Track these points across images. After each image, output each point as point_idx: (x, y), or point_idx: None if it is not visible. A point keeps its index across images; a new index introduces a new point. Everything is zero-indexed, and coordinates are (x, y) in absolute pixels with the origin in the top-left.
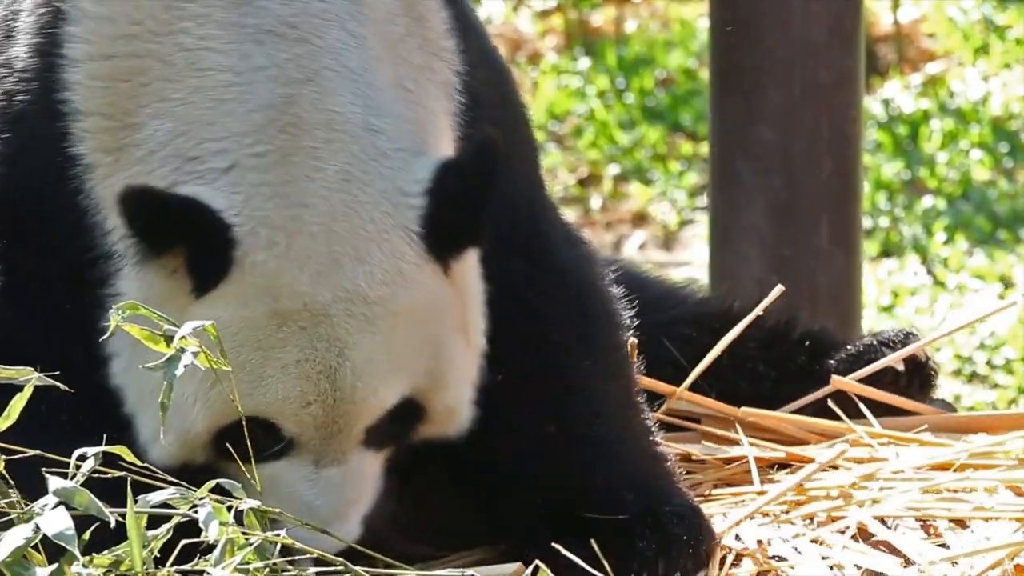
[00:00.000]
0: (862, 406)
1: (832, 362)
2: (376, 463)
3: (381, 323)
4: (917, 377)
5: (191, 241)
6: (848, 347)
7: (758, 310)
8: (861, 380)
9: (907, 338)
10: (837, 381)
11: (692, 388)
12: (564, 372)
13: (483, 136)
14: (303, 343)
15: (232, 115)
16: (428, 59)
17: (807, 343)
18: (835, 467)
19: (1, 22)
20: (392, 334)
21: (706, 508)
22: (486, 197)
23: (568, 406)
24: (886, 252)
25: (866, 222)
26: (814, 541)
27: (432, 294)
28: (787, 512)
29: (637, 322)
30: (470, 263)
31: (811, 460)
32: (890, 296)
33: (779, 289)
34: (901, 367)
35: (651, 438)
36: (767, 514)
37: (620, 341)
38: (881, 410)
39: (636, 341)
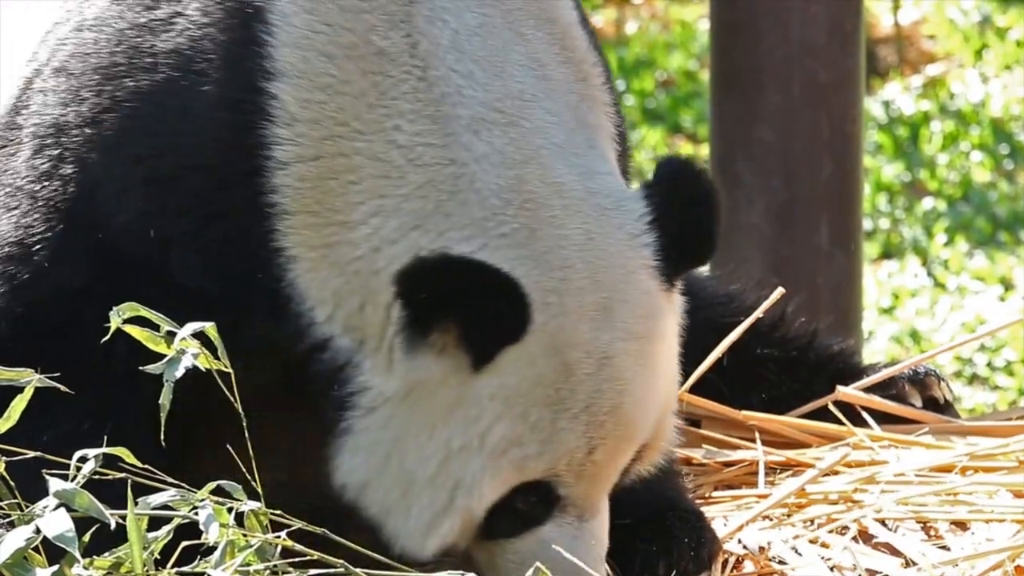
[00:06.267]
0: (864, 413)
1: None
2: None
3: (647, 355)
4: (931, 408)
5: (478, 307)
6: (867, 375)
7: (758, 312)
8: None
9: (925, 377)
10: (840, 392)
11: (702, 394)
12: None
13: (686, 162)
14: (590, 388)
15: (468, 204)
16: (598, 118)
17: (826, 368)
18: (836, 471)
19: (165, 98)
20: (656, 364)
21: (706, 511)
22: (714, 213)
23: None
24: (886, 254)
25: (866, 223)
26: (812, 542)
27: (673, 322)
28: (788, 516)
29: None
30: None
31: (812, 464)
32: (890, 298)
33: (779, 291)
34: (919, 405)
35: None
36: (769, 518)
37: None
38: (886, 421)
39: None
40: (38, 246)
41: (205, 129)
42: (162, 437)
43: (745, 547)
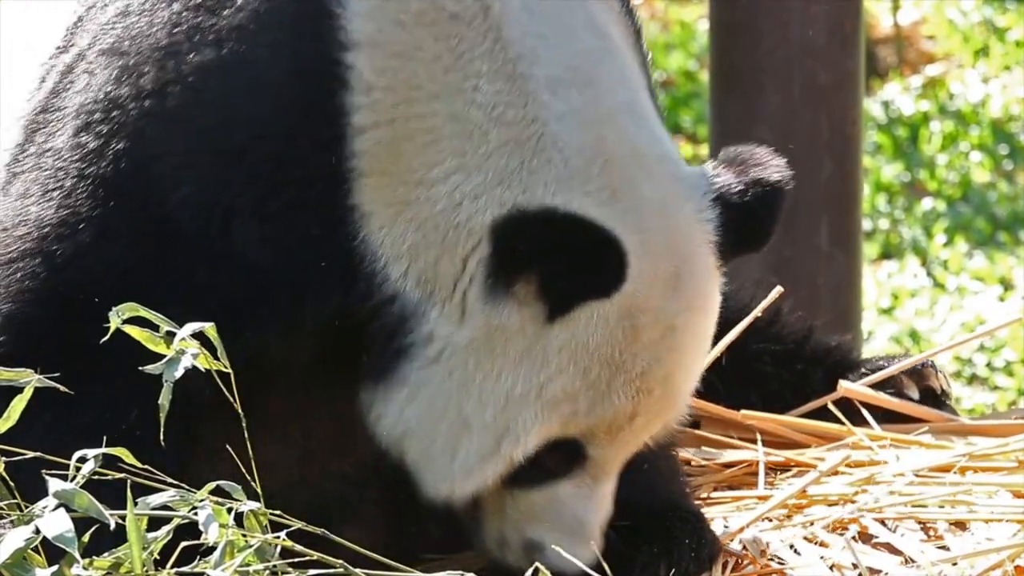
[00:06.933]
0: (864, 412)
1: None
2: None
3: (702, 330)
4: (929, 401)
5: (576, 261)
6: (864, 368)
7: (757, 311)
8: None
9: (922, 368)
10: (843, 388)
11: (699, 394)
12: None
13: (756, 149)
14: (651, 356)
15: (552, 162)
16: (644, 80)
17: (823, 362)
18: (836, 472)
19: (226, 70)
20: (705, 341)
21: (706, 511)
22: (777, 204)
23: None
24: (886, 254)
25: (866, 224)
26: (808, 540)
27: (719, 296)
28: (789, 516)
29: None
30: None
31: (812, 464)
32: (890, 298)
33: (778, 290)
34: (916, 396)
35: (671, 444)
36: (769, 519)
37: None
38: (886, 418)
39: None
40: (82, 224)
41: (277, 101)
42: (162, 437)
43: (745, 548)
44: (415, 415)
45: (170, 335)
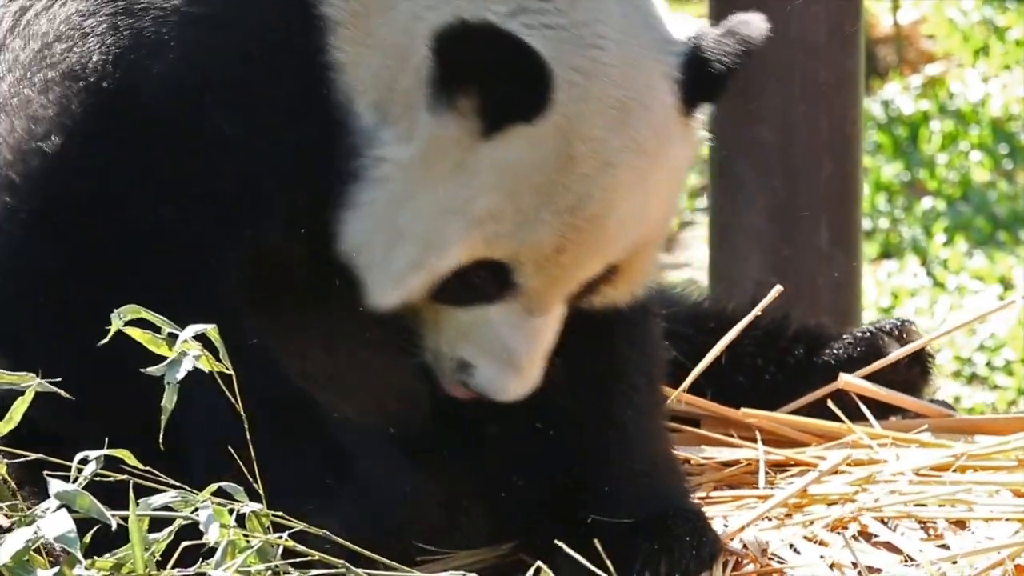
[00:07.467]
0: (863, 407)
1: (831, 352)
2: (561, 317)
3: (647, 177)
4: (916, 365)
5: (501, 81)
6: (845, 337)
7: (757, 310)
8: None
9: (903, 326)
10: (843, 380)
11: (688, 388)
12: (616, 358)
13: (755, 17)
14: (582, 191)
15: None
16: None
17: (804, 337)
18: (835, 471)
19: None
20: (653, 189)
21: (706, 511)
22: (742, 59)
23: (610, 387)
24: (886, 253)
25: (866, 223)
26: (808, 539)
27: (684, 150)
28: (788, 516)
29: None
30: (698, 128)
31: (812, 463)
32: (890, 297)
33: (778, 289)
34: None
35: (668, 440)
36: (769, 518)
37: (662, 350)
38: (882, 408)
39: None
40: (50, 134)
41: None
42: (161, 440)
43: (746, 547)
44: (360, 230)
45: (172, 336)
